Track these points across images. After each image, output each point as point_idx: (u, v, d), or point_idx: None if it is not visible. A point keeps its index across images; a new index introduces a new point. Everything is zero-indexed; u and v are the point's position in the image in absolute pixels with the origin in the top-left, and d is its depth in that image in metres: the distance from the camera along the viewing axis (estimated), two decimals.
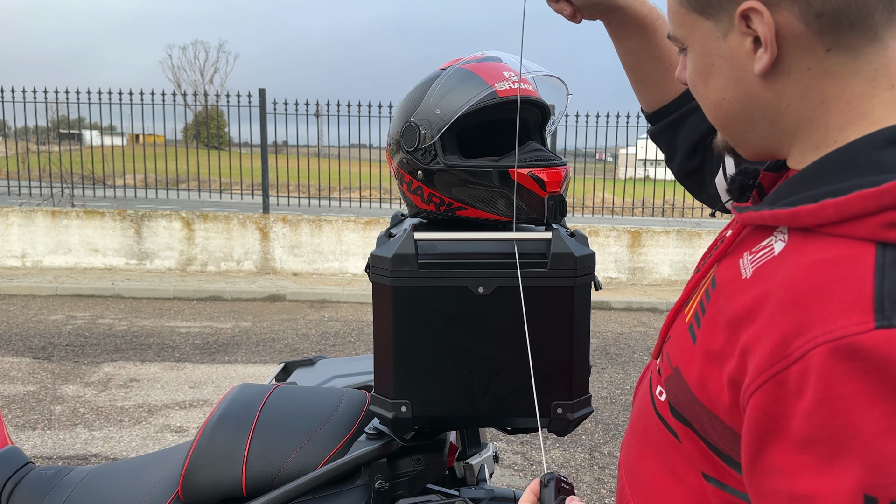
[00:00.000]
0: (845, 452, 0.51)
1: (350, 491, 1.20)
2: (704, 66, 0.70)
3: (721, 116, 0.71)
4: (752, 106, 0.68)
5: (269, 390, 1.33)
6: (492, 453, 1.43)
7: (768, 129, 0.69)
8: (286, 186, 9.24)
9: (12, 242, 8.09)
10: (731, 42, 0.66)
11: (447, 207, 1.18)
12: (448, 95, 1.16)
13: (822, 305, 0.55)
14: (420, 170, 1.18)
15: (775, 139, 0.70)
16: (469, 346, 1.10)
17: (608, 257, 8.29)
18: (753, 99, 0.67)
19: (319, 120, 9.55)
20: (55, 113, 9.60)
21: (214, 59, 55.54)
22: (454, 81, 1.17)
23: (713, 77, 0.69)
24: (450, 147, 1.17)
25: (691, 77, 0.73)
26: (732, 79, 0.68)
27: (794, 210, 0.62)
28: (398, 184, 1.26)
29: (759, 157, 0.74)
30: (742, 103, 0.68)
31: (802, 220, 0.61)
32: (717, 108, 0.71)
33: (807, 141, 0.67)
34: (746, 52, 0.65)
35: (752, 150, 0.73)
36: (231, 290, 7.30)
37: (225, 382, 4.57)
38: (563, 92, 1.28)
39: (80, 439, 3.63)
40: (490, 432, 3.32)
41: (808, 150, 0.67)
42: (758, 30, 0.63)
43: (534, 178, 1.13)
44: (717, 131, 0.76)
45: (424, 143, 1.16)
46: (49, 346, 5.28)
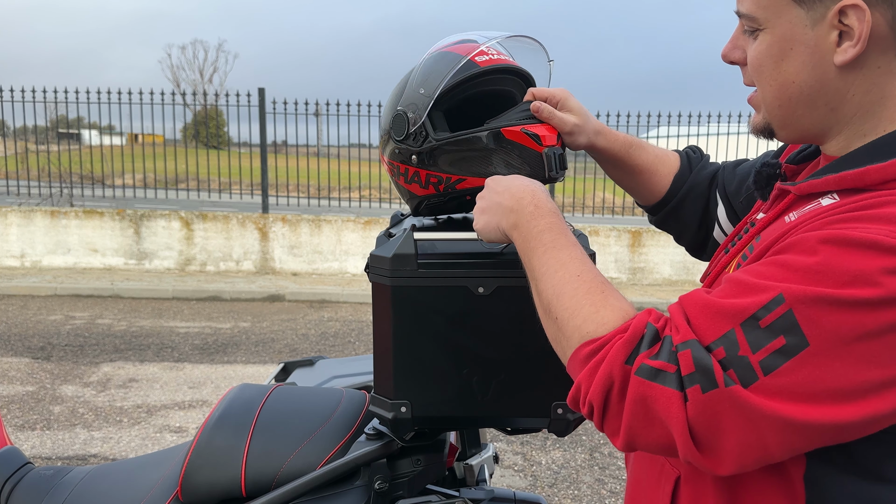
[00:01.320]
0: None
1: (350, 491, 1.19)
2: (781, 49, 0.75)
3: (783, 97, 0.77)
4: (819, 92, 0.75)
5: (269, 391, 1.32)
6: (492, 454, 1.42)
7: (826, 115, 0.76)
8: (286, 186, 9.24)
9: (11, 242, 8.09)
10: (818, 31, 0.72)
11: (446, 185, 1.16)
12: (429, 75, 1.15)
13: (870, 212, 0.67)
14: (414, 154, 1.16)
15: (826, 125, 0.77)
16: (469, 346, 1.09)
17: (608, 257, 8.29)
18: (824, 86, 0.74)
19: (319, 119, 9.56)
20: (54, 112, 9.60)
21: (214, 58, 55.49)
22: (433, 62, 1.17)
23: (788, 60, 0.75)
24: (440, 125, 1.15)
25: (759, 57, 0.78)
26: (810, 65, 0.74)
27: (863, 170, 0.71)
28: (394, 180, 1.25)
29: (797, 141, 0.82)
30: (812, 88, 0.75)
31: (871, 177, 0.70)
32: (782, 90, 0.77)
33: (857, 130, 0.76)
34: (830, 44, 0.72)
35: (797, 132, 0.80)
36: (230, 290, 7.29)
37: (224, 383, 4.56)
38: (544, 60, 1.26)
39: (79, 440, 3.63)
40: (490, 433, 3.32)
41: (855, 137, 0.76)
42: (852, 25, 0.70)
43: (528, 134, 1.10)
44: (764, 112, 0.81)
45: (414, 125, 1.15)
46: (48, 346, 5.27)
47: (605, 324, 0.75)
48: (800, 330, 0.63)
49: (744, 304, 0.66)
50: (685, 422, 0.66)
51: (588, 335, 0.75)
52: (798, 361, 0.63)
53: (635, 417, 0.69)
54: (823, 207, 0.73)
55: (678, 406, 0.66)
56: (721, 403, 0.64)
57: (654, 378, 0.67)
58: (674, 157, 1.26)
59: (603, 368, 0.71)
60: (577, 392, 0.75)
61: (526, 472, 3.42)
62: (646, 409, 0.68)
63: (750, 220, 0.91)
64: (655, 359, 0.68)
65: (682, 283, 8.34)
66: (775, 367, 0.63)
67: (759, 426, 0.64)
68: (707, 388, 0.64)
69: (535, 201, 0.90)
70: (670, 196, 1.23)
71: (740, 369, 0.64)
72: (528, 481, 3.34)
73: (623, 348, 0.70)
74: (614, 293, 0.79)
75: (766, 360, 0.64)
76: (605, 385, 0.70)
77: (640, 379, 0.68)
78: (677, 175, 1.23)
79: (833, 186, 0.73)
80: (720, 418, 0.65)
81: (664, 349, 0.68)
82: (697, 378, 0.65)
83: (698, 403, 0.65)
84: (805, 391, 0.63)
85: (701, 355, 0.65)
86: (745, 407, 0.64)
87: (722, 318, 0.66)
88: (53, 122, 10.55)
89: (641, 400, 0.68)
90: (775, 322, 0.64)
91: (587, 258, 0.84)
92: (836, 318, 0.62)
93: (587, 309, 0.77)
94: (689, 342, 0.67)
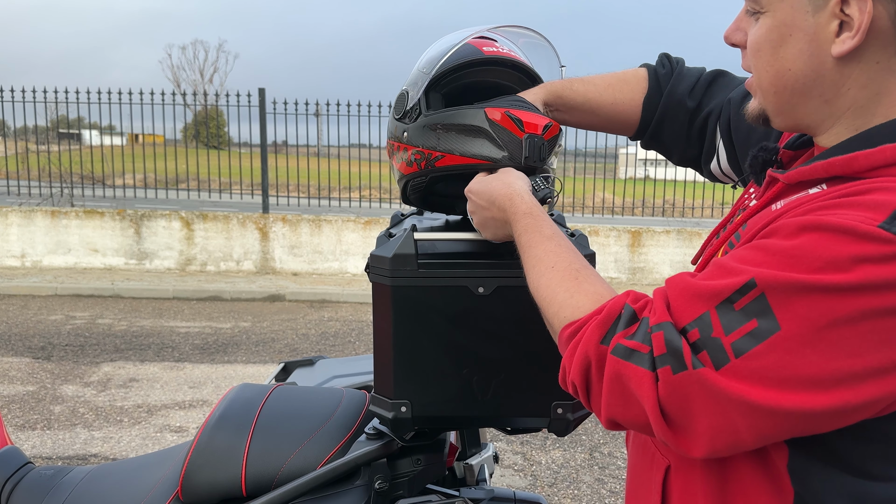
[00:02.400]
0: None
1: (350, 491, 1.19)
2: (780, 35, 0.74)
3: (778, 85, 0.76)
4: (815, 82, 0.73)
5: (269, 390, 1.32)
6: (492, 453, 1.42)
7: (820, 106, 0.75)
8: (286, 186, 9.24)
9: (12, 242, 8.09)
10: (819, 19, 0.71)
11: (427, 161, 1.14)
12: (432, 55, 1.15)
13: (853, 199, 0.66)
14: (406, 131, 1.15)
15: (820, 117, 0.76)
16: (469, 346, 1.09)
17: (608, 257, 8.29)
18: (819, 76, 0.73)
19: (319, 119, 9.55)
20: (54, 113, 9.60)
21: (214, 58, 55.50)
22: (440, 44, 1.16)
23: (785, 47, 0.74)
24: (435, 105, 1.14)
25: (759, 40, 0.77)
26: (807, 53, 0.72)
27: (851, 156, 0.70)
28: (391, 162, 1.24)
29: (792, 129, 0.81)
30: (807, 77, 0.74)
31: (860, 164, 0.70)
32: (777, 77, 0.76)
33: (849, 124, 0.74)
34: (830, 33, 0.70)
35: (791, 122, 0.79)
36: (231, 290, 7.29)
37: (224, 382, 4.56)
38: (556, 64, 1.23)
39: (79, 439, 3.63)
40: (490, 432, 3.32)
41: (846, 131, 0.75)
42: (853, 15, 0.69)
43: (510, 118, 1.07)
44: (759, 98, 0.81)
45: (411, 102, 1.14)
46: (48, 346, 5.28)
47: (580, 307, 0.78)
48: (772, 314, 0.63)
49: (719, 287, 0.67)
50: (656, 401, 0.67)
51: (566, 319, 0.79)
52: (768, 345, 0.63)
53: (613, 395, 0.71)
54: (809, 196, 0.73)
55: (649, 385, 0.68)
56: (690, 385, 0.65)
57: (629, 357, 0.69)
58: (636, 79, 1.18)
59: (580, 349, 0.74)
60: (563, 373, 0.79)
61: (526, 472, 3.42)
62: (622, 388, 0.70)
63: (742, 204, 0.92)
64: (631, 339, 0.70)
65: None
66: (746, 349, 0.64)
67: (727, 409, 0.65)
68: (677, 369, 0.66)
69: (512, 207, 0.95)
70: (645, 122, 1.17)
71: (713, 351, 0.65)
72: (528, 481, 3.34)
73: (597, 329, 0.73)
74: (589, 279, 0.82)
75: (738, 342, 0.64)
76: (583, 365, 0.73)
77: (615, 358, 0.70)
78: (646, 99, 1.16)
79: (821, 174, 0.73)
80: (690, 400, 0.66)
81: (640, 330, 0.70)
82: (668, 359, 0.66)
83: (668, 384, 0.66)
84: (774, 376, 0.63)
85: (672, 337, 0.67)
86: (712, 390, 0.65)
87: (698, 300, 0.68)
88: (54, 122, 10.55)
89: (617, 378, 0.70)
90: (748, 305, 0.64)
91: (563, 248, 0.87)
92: (806, 303, 0.62)
93: (562, 296, 0.81)
94: (663, 324, 0.68)
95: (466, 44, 1.14)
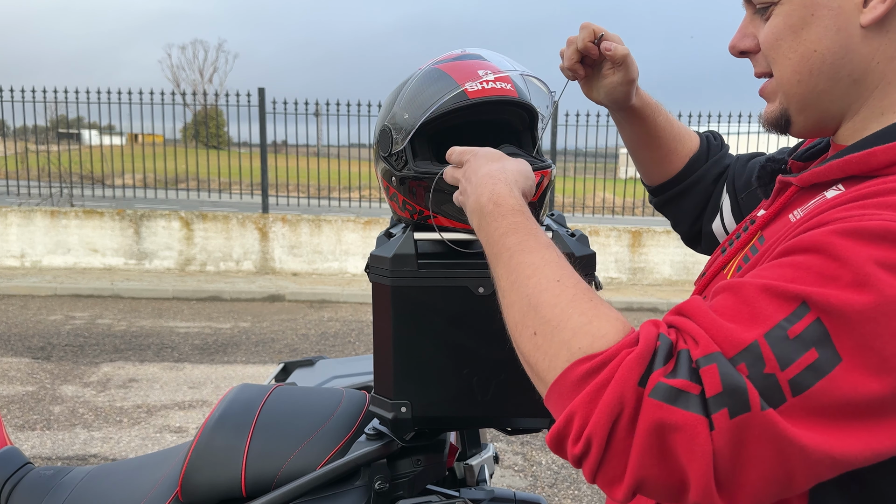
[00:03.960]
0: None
1: (350, 492, 1.19)
2: (801, 17, 0.71)
3: (804, 69, 0.72)
4: (843, 59, 0.70)
5: (269, 391, 1.32)
6: (492, 454, 1.42)
7: (848, 88, 0.72)
8: (286, 186, 9.24)
9: (11, 242, 8.08)
10: None
11: (419, 215, 1.12)
12: (416, 98, 1.08)
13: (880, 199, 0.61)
14: (394, 176, 1.12)
15: (847, 102, 0.73)
16: (469, 346, 1.09)
17: (609, 257, 8.29)
18: (848, 52, 0.70)
19: (319, 119, 9.55)
20: (54, 112, 9.60)
21: (214, 58, 55.48)
22: (424, 83, 1.10)
23: (809, 28, 0.71)
24: (421, 152, 1.10)
25: (776, 31, 0.74)
26: (833, 28, 0.70)
27: (867, 152, 0.67)
28: (384, 189, 1.20)
29: (813, 129, 0.77)
30: (836, 55, 0.70)
31: (878, 160, 0.66)
32: (803, 61, 0.72)
33: (875, 106, 0.71)
34: (856, 4, 0.68)
35: (815, 116, 0.75)
36: (230, 290, 7.29)
37: (224, 383, 4.56)
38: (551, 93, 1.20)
39: (79, 440, 3.63)
40: (490, 433, 3.32)
41: (872, 116, 0.71)
42: None
43: None
44: (780, 97, 0.77)
45: (396, 147, 1.10)
46: (48, 346, 5.27)
47: (604, 336, 0.61)
48: (830, 342, 0.54)
49: (765, 312, 0.57)
50: (710, 456, 0.55)
51: (581, 351, 0.61)
52: (830, 381, 0.54)
53: (648, 452, 0.56)
54: (829, 200, 0.67)
55: (704, 436, 0.55)
56: (752, 431, 0.54)
57: (675, 401, 0.55)
58: (694, 138, 1.19)
59: (611, 391, 0.57)
60: (566, 425, 0.60)
61: (526, 472, 3.42)
62: (661, 441, 0.56)
63: (750, 217, 0.86)
64: (673, 377, 0.56)
65: (683, 283, 8.34)
66: (807, 386, 0.54)
67: (790, 457, 0.55)
68: (737, 411, 0.54)
69: (496, 198, 0.79)
70: (679, 179, 1.17)
71: (766, 389, 0.55)
72: (529, 481, 3.34)
73: (636, 365, 0.57)
74: (604, 302, 0.67)
75: (796, 378, 0.55)
76: (614, 411, 0.57)
77: (655, 402, 0.56)
78: (693, 159, 1.17)
79: (837, 173, 0.69)
80: (746, 448, 0.55)
81: (681, 365, 0.57)
82: (725, 400, 0.54)
83: (725, 431, 0.54)
84: (839, 417, 0.55)
85: (728, 371, 0.55)
86: (778, 435, 0.54)
87: (742, 329, 0.57)
88: (53, 122, 10.55)
89: (657, 429, 0.56)
90: (804, 332, 0.55)
91: (565, 261, 0.72)
92: (862, 325, 0.54)
93: (577, 319, 0.63)
94: (714, 355, 0.56)
95: (451, 82, 1.07)
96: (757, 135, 8.68)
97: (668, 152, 1.17)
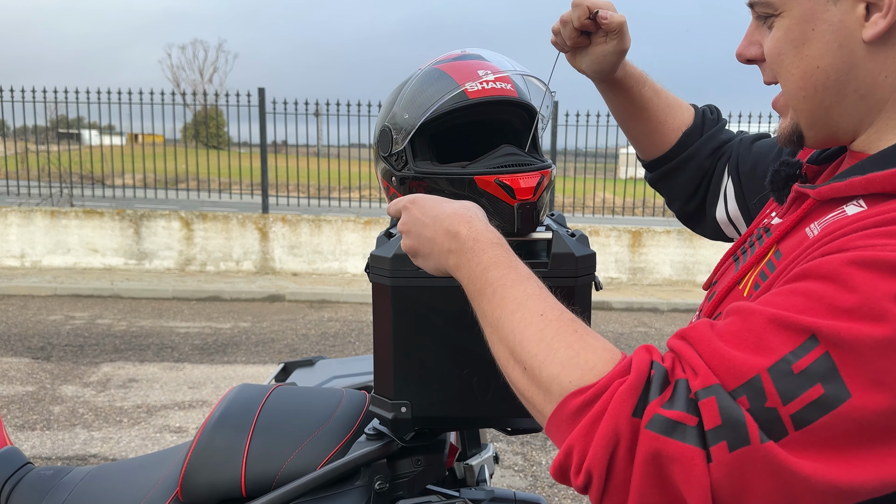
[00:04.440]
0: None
1: (350, 492, 1.19)
2: (802, 32, 0.69)
3: (809, 87, 0.70)
4: (848, 76, 0.68)
5: (269, 391, 1.32)
6: (492, 454, 1.42)
7: (856, 104, 0.69)
8: (286, 186, 9.24)
9: (11, 242, 8.08)
10: (842, 6, 0.66)
11: None
12: (416, 98, 1.08)
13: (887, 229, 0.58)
14: (394, 176, 1.12)
15: (857, 116, 0.70)
16: (469, 346, 1.09)
17: (609, 257, 8.29)
18: (852, 68, 0.67)
19: (319, 119, 9.55)
20: (54, 112, 9.60)
21: (214, 58, 55.45)
22: (423, 83, 1.09)
23: (810, 44, 0.68)
24: (421, 152, 1.10)
25: (778, 44, 0.71)
26: (835, 44, 0.67)
27: (892, 171, 0.63)
28: (386, 196, 1.20)
29: (826, 140, 0.74)
30: (839, 72, 0.68)
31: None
32: (806, 78, 0.70)
33: (889, 120, 0.68)
34: (857, 18, 0.66)
35: (826, 131, 0.72)
36: (230, 290, 7.29)
37: (224, 383, 4.56)
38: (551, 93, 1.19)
39: (78, 440, 3.63)
40: (490, 433, 3.32)
41: (887, 129, 0.68)
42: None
43: (500, 185, 1.03)
44: (790, 112, 0.74)
45: (396, 147, 1.10)
46: (48, 346, 5.27)
47: (593, 368, 0.61)
48: (839, 377, 0.53)
49: (766, 344, 0.56)
50: (708, 489, 0.55)
51: (572, 385, 0.61)
52: (836, 416, 0.53)
53: (647, 483, 0.56)
54: (849, 217, 0.64)
55: (701, 468, 0.55)
56: (753, 464, 0.54)
57: (671, 433, 0.55)
58: (688, 110, 1.15)
59: (605, 423, 0.57)
60: (566, 458, 0.61)
61: (526, 473, 3.42)
62: (659, 472, 0.56)
63: (764, 224, 0.83)
64: (669, 408, 0.56)
65: (683, 283, 8.34)
66: (810, 421, 0.54)
67: (793, 489, 0.54)
68: (736, 444, 0.54)
69: (474, 234, 0.77)
70: (673, 154, 1.12)
71: (767, 423, 0.54)
72: (528, 481, 3.34)
73: (629, 395, 0.57)
74: (590, 331, 0.66)
75: (799, 413, 0.54)
76: (610, 444, 0.57)
77: (652, 434, 0.56)
78: (687, 132, 1.12)
79: (859, 191, 0.65)
80: (747, 482, 0.55)
81: (679, 396, 0.57)
82: (724, 433, 0.54)
83: (724, 465, 0.54)
84: (847, 450, 0.54)
85: (728, 404, 0.55)
86: (781, 469, 0.54)
87: (742, 359, 0.56)
88: (53, 122, 10.55)
89: (654, 459, 0.56)
90: (811, 367, 0.54)
91: (547, 292, 0.71)
92: (876, 362, 0.52)
93: (563, 353, 0.63)
94: (713, 388, 0.56)
95: (451, 82, 1.06)
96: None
97: (658, 124, 1.13)
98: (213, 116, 18.92)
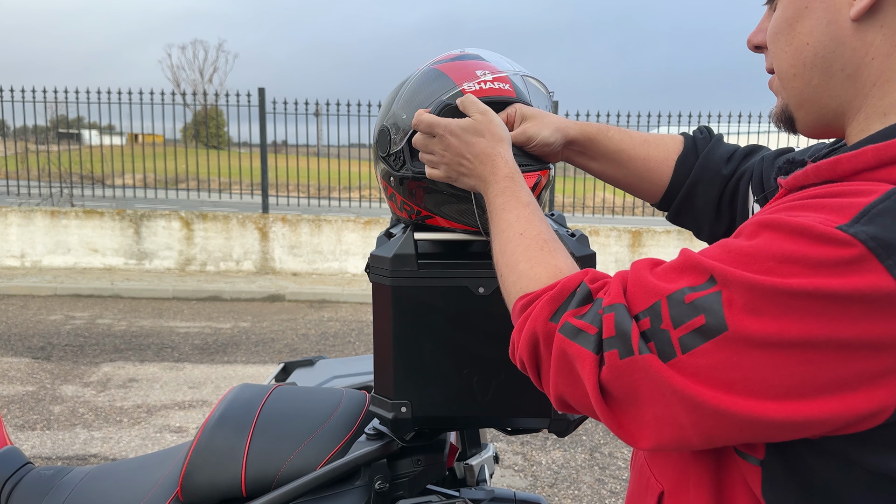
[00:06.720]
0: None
1: (350, 491, 1.19)
2: (796, 10, 0.71)
3: (798, 63, 0.72)
4: (835, 53, 0.69)
5: (269, 391, 1.32)
6: (492, 454, 1.42)
7: (843, 84, 0.70)
8: (286, 186, 9.24)
9: (11, 242, 8.09)
10: None
11: (417, 216, 1.12)
12: (414, 98, 1.08)
13: (818, 202, 0.62)
14: (392, 176, 1.11)
15: (845, 98, 0.70)
16: (469, 346, 1.09)
17: (609, 257, 8.29)
18: (839, 45, 0.68)
19: (319, 119, 9.55)
20: (54, 112, 9.60)
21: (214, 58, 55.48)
22: (421, 83, 1.09)
23: (802, 21, 0.70)
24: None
25: (776, 23, 0.74)
26: (825, 21, 0.69)
27: (834, 159, 0.66)
28: (385, 197, 1.20)
29: (817, 125, 0.75)
30: (827, 48, 0.69)
31: (843, 167, 0.65)
32: (796, 54, 0.71)
33: (876, 105, 0.68)
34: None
35: (815, 112, 0.74)
36: (230, 290, 7.29)
37: (224, 383, 4.56)
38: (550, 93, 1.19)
39: (79, 439, 3.63)
40: (490, 433, 3.32)
41: (874, 116, 0.69)
42: None
43: None
44: (781, 93, 0.76)
45: (395, 147, 1.09)
46: (48, 346, 5.27)
47: (538, 279, 0.77)
48: (721, 313, 0.60)
49: (676, 278, 0.65)
50: (597, 384, 0.66)
51: (521, 290, 0.78)
52: (715, 345, 0.60)
53: (561, 373, 0.70)
54: (789, 196, 0.69)
55: (591, 368, 0.66)
56: (636, 372, 0.64)
57: (575, 337, 0.68)
58: (673, 139, 1.14)
59: (529, 324, 0.73)
60: (512, 347, 0.77)
61: (526, 472, 3.42)
62: (568, 366, 0.69)
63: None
64: (581, 318, 0.69)
65: None
66: (693, 346, 0.61)
67: (672, 401, 0.62)
68: (624, 354, 0.64)
69: (493, 166, 0.93)
70: (676, 184, 1.12)
71: (661, 343, 0.63)
72: (529, 481, 3.34)
73: (547, 305, 0.72)
74: (555, 252, 0.81)
75: (685, 337, 0.62)
76: (531, 341, 0.72)
77: (561, 336, 0.69)
78: (680, 158, 1.12)
79: (812, 178, 0.68)
80: (637, 387, 0.64)
81: (592, 310, 0.69)
82: (616, 343, 0.65)
83: (614, 368, 0.65)
84: (720, 377, 0.60)
85: (623, 320, 0.65)
86: (657, 379, 0.62)
87: (653, 288, 0.65)
88: (53, 122, 10.55)
89: (563, 356, 0.69)
90: (699, 300, 0.61)
91: (536, 217, 0.86)
92: (757, 305, 0.58)
93: (523, 265, 0.80)
94: (615, 306, 0.66)
95: (449, 82, 1.06)
96: (767, 134, 8.66)
97: (643, 160, 1.12)
98: (214, 116, 18.92)
